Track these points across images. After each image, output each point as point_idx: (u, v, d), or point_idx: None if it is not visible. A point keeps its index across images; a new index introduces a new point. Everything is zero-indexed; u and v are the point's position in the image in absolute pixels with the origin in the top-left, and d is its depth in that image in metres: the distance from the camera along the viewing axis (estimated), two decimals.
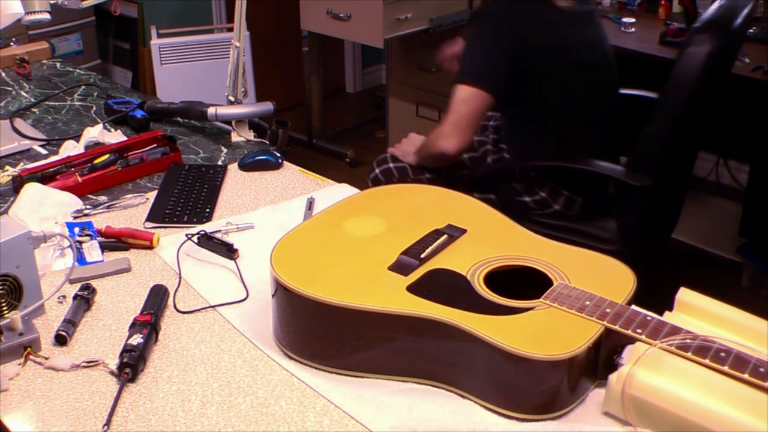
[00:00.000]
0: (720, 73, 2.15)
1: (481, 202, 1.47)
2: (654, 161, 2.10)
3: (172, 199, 1.71)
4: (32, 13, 1.89)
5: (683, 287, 1.23)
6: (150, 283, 1.44)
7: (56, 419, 1.14)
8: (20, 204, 1.62)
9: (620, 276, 1.26)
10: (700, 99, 2.05)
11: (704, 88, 2.02)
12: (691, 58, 1.97)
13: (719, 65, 2.08)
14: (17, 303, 1.29)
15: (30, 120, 2.12)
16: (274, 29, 4.47)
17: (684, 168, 2.32)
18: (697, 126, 2.18)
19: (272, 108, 2.00)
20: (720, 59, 2.05)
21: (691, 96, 2.01)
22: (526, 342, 1.10)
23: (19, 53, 2.49)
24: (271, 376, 1.23)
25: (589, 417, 1.14)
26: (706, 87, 2.03)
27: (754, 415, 1.00)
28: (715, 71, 2.06)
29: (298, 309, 1.22)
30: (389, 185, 1.61)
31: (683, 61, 1.98)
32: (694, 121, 2.12)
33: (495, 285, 1.24)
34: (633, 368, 1.08)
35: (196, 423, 1.14)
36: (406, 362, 1.19)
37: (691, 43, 1.98)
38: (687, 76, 1.98)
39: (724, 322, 1.17)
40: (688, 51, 1.98)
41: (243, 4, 1.97)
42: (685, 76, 1.99)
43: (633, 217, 2.17)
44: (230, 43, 2.01)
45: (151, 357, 1.26)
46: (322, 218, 1.41)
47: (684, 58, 1.99)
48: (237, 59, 2.00)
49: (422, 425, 1.13)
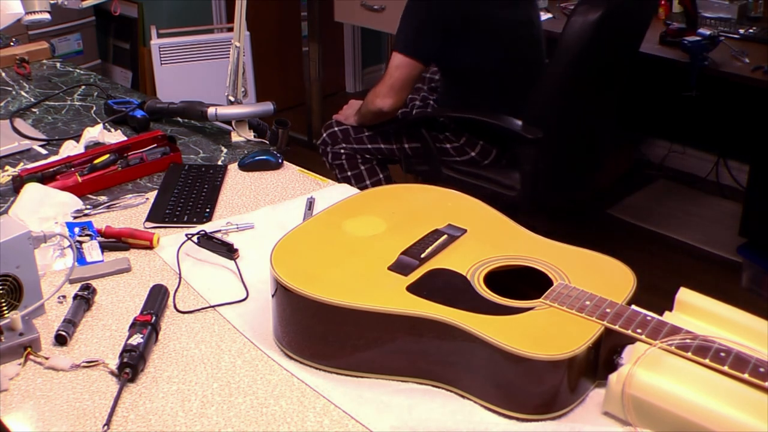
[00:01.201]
0: (615, 38, 2.43)
1: (481, 202, 1.47)
2: (544, 116, 2.40)
3: (172, 199, 1.71)
4: (32, 13, 1.89)
5: (683, 287, 1.23)
6: (150, 283, 1.44)
7: (56, 419, 1.14)
8: (20, 204, 1.62)
9: (620, 276, 1.26)
10: (588, 62, 2.35)
11: (592, 51, 2.32)
12: (574, 25, 2.28)
13: (610, 30, 2.35)
14: (17, 303, 1.29)
15: (30, 120, 2.12)
16: (274, 29, 4.47)
17: (578, 125, 2.57)
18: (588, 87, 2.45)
19: (272, 108, 2.00)
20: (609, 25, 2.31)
21: (576, 59, 2.31)
22: (526, 342, 1.10)
23: (19, 53, 2.49)
24: (271, 376, 1.23)
25: (589, 417, 1.14)
26: (594, 51, 2.33)
27: (754, 415, 1.00)
28: (605, 36, 2.33)
29: (298, 309, 1.22)
30: (389, 185, 1.61)
31: (568, 29, 2.29)
32: (582, 82, 2.40)
33: (495, 285, 1.24)
34: (633, 368, 1.08)
35: (196, 423, 1.14)
36: (406, 362, 1.19)
37: (575, 13, 2.29)
38: (571, 41, 2.29)
39: (724, 322, 1.17)
40: (572, 19, 2.29)
41: (243, 4, 1.97)
42: (569, 41, 2.29)
43: (529, 166, 2.48)
44: (230, 43, 2.01)
45: (151, 357, 1.26)
46: (322, 218, 1.41)
47: (569, 26, 2.29)
48: (237, 59, 2.00)
49: (422, 425, 1.13)
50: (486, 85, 2.50)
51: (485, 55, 2.45)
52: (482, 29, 2.40)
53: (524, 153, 2.48)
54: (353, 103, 2.72)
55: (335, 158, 2.69)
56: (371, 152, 2.66)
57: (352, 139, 2.65)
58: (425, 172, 2.65)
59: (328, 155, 2.70)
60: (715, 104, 3.33)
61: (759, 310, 1.20)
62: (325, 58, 4.26)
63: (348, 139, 2.66)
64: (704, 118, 3.45)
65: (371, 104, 2.48)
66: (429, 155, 2.59)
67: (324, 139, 2.70)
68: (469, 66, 2.47)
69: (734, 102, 3.28)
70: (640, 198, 3.63)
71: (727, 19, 3.16)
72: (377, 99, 2.44)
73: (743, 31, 3.03)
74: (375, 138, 2.63)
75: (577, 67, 2.34)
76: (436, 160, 2.59)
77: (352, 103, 2.72)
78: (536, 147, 2.42)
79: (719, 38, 2.87)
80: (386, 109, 2.43)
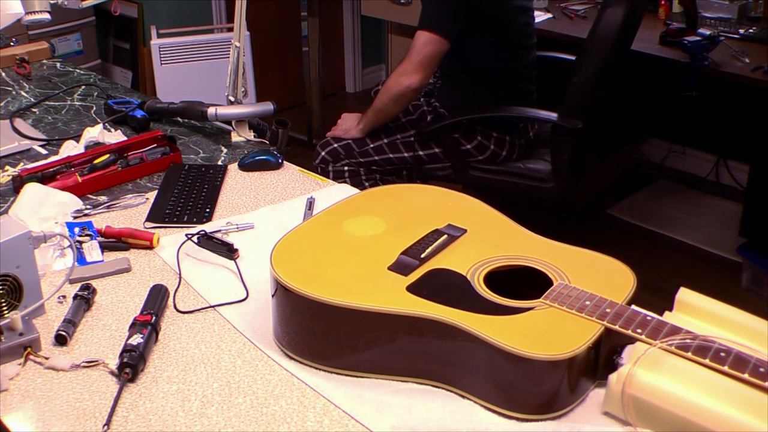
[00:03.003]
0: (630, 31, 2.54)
1: (481, 202, 1.47)
2: (582, 106, 2.47)
3: (172, 199, 1.71)
4: (32, 13, 1.89)
5: (683, 287, 1.23)
6: (150, 283, 1.44)
7: (56, 419, 1.14)
8: (20, 204, 1.62)
9: (620, 276, 1.26)
10: (618, 53, 2.46)
11: (620, 44, 2.44)
12: (610, 17, 2.37)
13: (630, 24, 2.48)
14: (17, 303, 1.29)
15: (30, 120, 2.12)
16: (274, 29, 4.47)
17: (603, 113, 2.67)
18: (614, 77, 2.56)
19: (272, 108, 2.00)
20: (631, 18, 2.44)
21: (611, 50, 2.41)
22: (526, 342, 1.10)
23: (19, 53, 2.49)
24: (271, 376, 1.23)
25: (589, 417, 1.14)
26: (621, 43, 2.45)
27: (754, 415, 1.00)
28: (627, 29, 2.46)
29: (298, 309, 1.22)
30: (389, 185, 1.61)
31: (604, 20, 2.37)
32: (612, 72, 2.50)
33: (495, 285, 1.24)
34: (633, 368, 1.08)
35: (196, 423, 1.14)
36: (406, 362, 1.20)
37: (609, 5, 2.37)
38: (607, 33, 2.38)
39: (724, 322, 1.17)
40: (607, 11, 2.37)
41: (243, 4, 1.97)
42: (605, 33, 2.38)
43: (566, 156, 2.53)
44: (230, 43, 2.01)
45: (151, 357, 1.26)
46: (322, 218, 1.41)
47: (605, 17, 2.37)
48: (237, 59, 2.00)
49: (422, 425, 1.13)
50: (495, 75, 2.54)
51: (502, 46, 2.51)
52: (500, 19, 2.47)
53: (560, 143, 2.54)
54: (347, 116, 2.69)
55: (337, 176, 2.60)
56: (378, 164, 2.60)
57: (356, 153, 2.59)
58: (446, 177, 2.63)
59: (329, 174, 2.60)
60: (715, 104, 3.33)
61: (759, 310, 1.20)
62: (325, 58, 4.26)
63: (351, 153, 2.60)
64: (704, 118, 3.45)
65: (397, 85, 2.45)
66: (454, 157, 2.59)
67: (323, 158, 2.63)
68: (481, 53, 2.50)
69: (734, 102, 3.28)
70: (640, 198, 3.63)
71: (727, 19, 3.16)
72: (404, 77, 2.43)
73: (743, 31, 3.03)
74: (382, 148, 2.59)
75: (611, 58, 2.43)
76: (463, 162, 2.58)
77: (347, 117, 2.69)
78: (574, 137, 2.48)
79: (719, 38, 2.87)
80: (415, 86, 2.43)
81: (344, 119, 2.69)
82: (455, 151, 2.57)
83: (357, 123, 2.61)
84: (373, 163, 2.61)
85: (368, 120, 2.58)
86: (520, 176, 2.59)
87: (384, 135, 2.60)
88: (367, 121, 2.58)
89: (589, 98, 2.47)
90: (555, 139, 2.58)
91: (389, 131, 2.61)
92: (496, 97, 2.57)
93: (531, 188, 2.61)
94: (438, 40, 2.39)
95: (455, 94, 2.64)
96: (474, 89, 2.59)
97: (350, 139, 2.61)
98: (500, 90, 2.58)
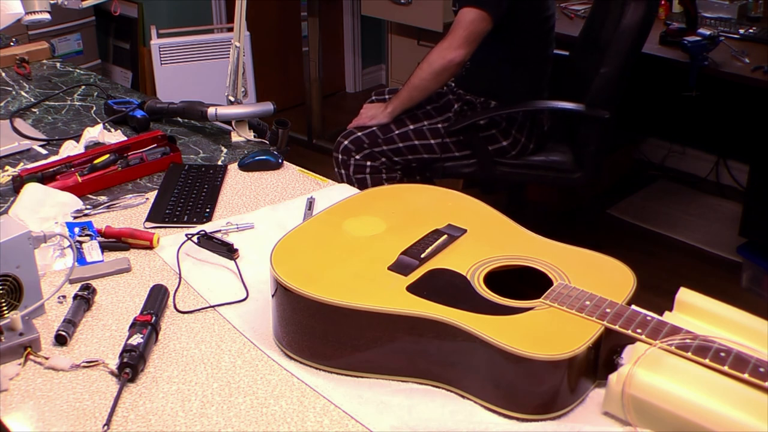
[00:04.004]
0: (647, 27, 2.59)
1: (481, 202, 1.47)
2: (608, 97, 2.53)
3: (172, 199, 1.71)
4: (32, 13, 1.89)
5: (683, 287, 1.23)
6: (150, 283, 1.44)
7: (56, 419, 1.14)
8: (20, 204, 1.62)
9: (620, 276, 1.26)
10: (638, 47, 2.55)
11: (640, 38, 2.53)
12: (633, 12, 2.45)
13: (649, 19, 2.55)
14: (17, 303, 1.29)
15: (30, 120, 2.12)
16: (274, 29, 4.47)
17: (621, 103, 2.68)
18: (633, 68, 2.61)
19: (272, 108, 2.00)
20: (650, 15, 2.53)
21: (633, 43, 2.50)
22: (526, 342, 1.10)
23: (19, 53, 2.49)
24: (271, 376, 1.23)
25: (589, 417, 1.14)
26: (641, 38, 2.54)
27: (754, 415, 1.00)
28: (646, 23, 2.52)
29: (298, 309, 1.22)
30: (389, 185, 1.61)
31: (628, 15, 2.46)
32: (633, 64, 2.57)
33: (495, 285, 1.24)
34: (633, 368, 1.08)
35: (196, 423, 1.14)
36: (406, 362, 1.19)
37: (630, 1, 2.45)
38: (630, 27, 2.47)
39: (724, 322, 1.17)
40: (629, 6, 2.44)
41: (243, 4, 1.97)
42: (629, 27, 2.47)
43: (592, 147, 2.60)
44: (230, 43, 2.01)
45: (151, 357, 1.26)
46: (322, 218, 1.41)
47: (629, 13, 2.45)
48: (237, 59, 2.00)
49: (422, 425, 1.13)
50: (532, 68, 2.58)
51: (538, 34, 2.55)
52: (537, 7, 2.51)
53: (585, 134, 2.60)
54: (370, 105, 2.66)
55: (358, 171, 2.55)
56: (402, 152, 2.55)
57: (380, 141, 2.54)
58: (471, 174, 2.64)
59: (349, 167, 2.55)
60: (715, 104, 3.33)
61: (759, 310, 1.20)
62: (325, 58, 4.26)
63: (376, 141, 2.54)
64: (704, 118, 3.45)
65: (441, 59, 2.44)
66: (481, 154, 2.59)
67: (345, 147, 2.55)
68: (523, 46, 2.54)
69: (734, 102, 3.28)
70: (640, 198, 3.63)
71: (727, 19, 3.16)
72: (449, 51, 2.43)
73: (743, 31, 3.03)
74: (408, 135, 2.55)
75: (635, 50, 2.52)
76: (490, 159, 2.60)
77: (369, 106, 2.66)
78: (600, 127, 2.54)
79: (719, 38, 2.87)
80: (458, 60, 2.43)
81: (367, 108, 2.67)
82: (488, 151, 2.58)
83: (384, 108, 2.58)
84: (397, 152, 2.55)
85: (400, 101, 2.56)
86: (546, 169, 2.63)
87: (410, 122, 2.57)
88: (399, 102, 2.56)
89: (614, 89, 2.52)
90: (580, 129, 2.62)
91: (415, 118, 2.57)
92: (529, 87, 2.59)
93: (558, 180, 2.67)
94: (486, 17, 2.40)
95: (492, 82, 2.62)
96: (511, 77, 2.58)
97: (375, 126, 2.56)
98: (534, 79, 2.60)
